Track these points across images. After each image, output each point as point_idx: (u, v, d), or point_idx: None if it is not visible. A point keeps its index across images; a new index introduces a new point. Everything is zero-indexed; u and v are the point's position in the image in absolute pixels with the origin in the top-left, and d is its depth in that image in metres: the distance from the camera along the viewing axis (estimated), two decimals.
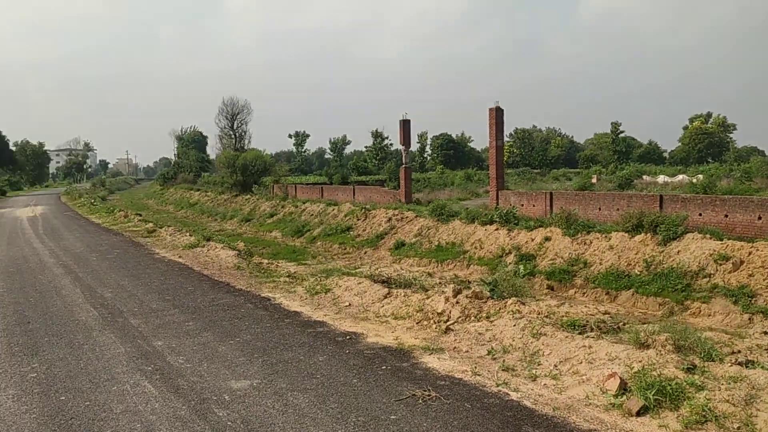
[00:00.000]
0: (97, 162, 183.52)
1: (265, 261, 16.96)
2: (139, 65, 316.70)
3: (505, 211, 19.17)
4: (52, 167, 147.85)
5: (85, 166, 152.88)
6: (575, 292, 14.28)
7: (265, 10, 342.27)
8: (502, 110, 25.88)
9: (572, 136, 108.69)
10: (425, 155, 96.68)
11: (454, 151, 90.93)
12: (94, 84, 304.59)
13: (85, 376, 7.10)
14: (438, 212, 21.59)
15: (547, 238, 16.56)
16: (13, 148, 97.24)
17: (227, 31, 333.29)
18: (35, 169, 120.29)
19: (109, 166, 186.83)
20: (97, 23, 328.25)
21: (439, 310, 9.13)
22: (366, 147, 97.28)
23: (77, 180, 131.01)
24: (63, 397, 6.42)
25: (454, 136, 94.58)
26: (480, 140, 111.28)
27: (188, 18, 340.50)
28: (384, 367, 7.19)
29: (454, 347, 7.98)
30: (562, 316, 8.85)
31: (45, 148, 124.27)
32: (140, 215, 33.65)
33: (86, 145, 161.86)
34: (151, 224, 26.81)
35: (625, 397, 5.92)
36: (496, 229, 18.40)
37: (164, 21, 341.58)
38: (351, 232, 24.53)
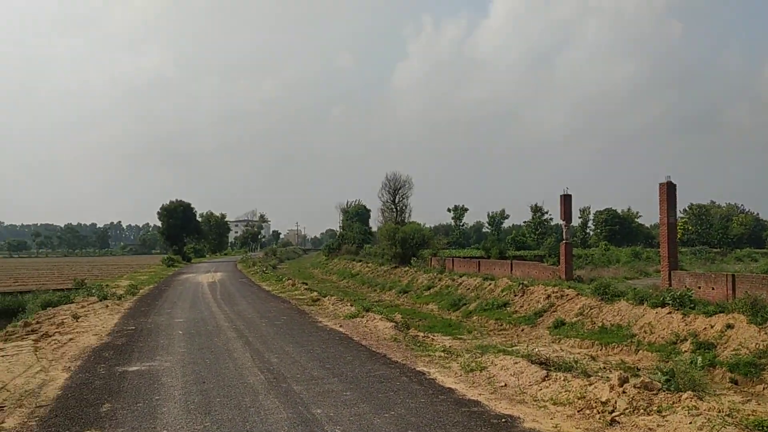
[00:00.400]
0: (271, 232, 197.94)
1: (421, 334, 17.06)
2: (311, 143, 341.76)
3: (678, 294, 17.75)
4: (231, 236, 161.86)
5: (259, 236, 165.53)
6: (764, 388, 12.69)
7: (429, 86, 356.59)
8: (674, 185, 24.36)
9: (758, 213, 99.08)
10: (588, 231, 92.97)
11: (619, 227, 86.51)
12: (272, 161, 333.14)
13: None
14: (602, 291, 20.52)
15: (729, 326, 15.02)
16: (199, 219, 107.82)
17: (392, 107, 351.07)
18: (217, 238, 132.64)
19: (281, 236, 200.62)
20: (277, 106, 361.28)
21: (603, 399, 8.57)
22: (524, 221, 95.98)
23: (252, 249, 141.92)
24: None
25: (619, 211, 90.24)
26: (648, 216, 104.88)
27: (358, 99, 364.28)
28: None
29: None
30: (748, 415, 7.91)
31: (226, 219, 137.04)
32: (306, 284, 35.54)
33: (261, 216, 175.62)
34: (315, 293, 28.19)
35: None
36: (669, 313, 17.05)
37: (335, 103, 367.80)
38: (508, 308, 24.01)
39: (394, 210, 77.14)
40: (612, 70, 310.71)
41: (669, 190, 24.34)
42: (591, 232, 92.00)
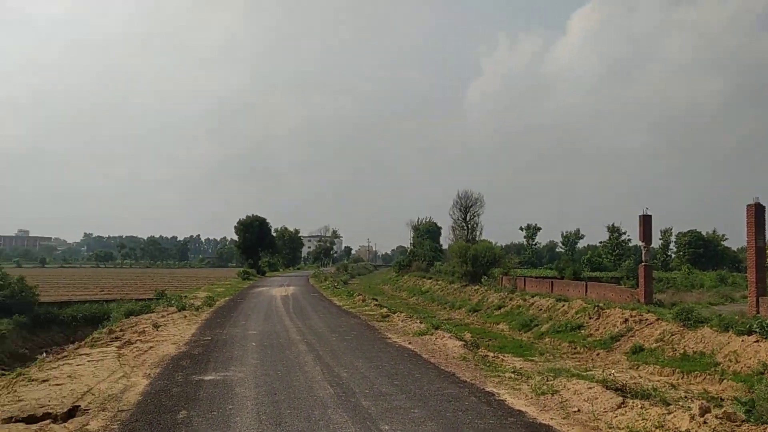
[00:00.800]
0: (342, 248, 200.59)
1: (491, 354, 16.80)
2: (383, 159, 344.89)
3: (767, 321, 16.76)
4: (304, 251, 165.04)
5: (331, 252, 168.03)
6: None
7: (503, 103, 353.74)
8: (763, 207, 23.15)
9: None
10: (669, 253, 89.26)
11: (704, 250, 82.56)
12: (345, 177, 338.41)
13: None
14: (684, 316, 19.62)
15: None
16: (274, 234, 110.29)
17: (465, 124, 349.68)
18: (290, 253, 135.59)
19: (352, 252, 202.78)
20: (350, 122, 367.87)
21: (683, 429, 8.17)
22: (601, 242, 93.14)
23: (324, 264, 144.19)
24: None
25: (704, 233, 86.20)
26: (736, 239, 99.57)
27: (430, 115, 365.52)
28: None
29: None
30: None
31: (299, 234, 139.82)
32: (376, 300, 35.71)
33: (334, 232, 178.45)
34: (385, 309, 28.28)
35: None
36: (757, 341, 16.11)
37: (407, 119, 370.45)
38: (582, 331, 23.32)
39: (465, 228, 76.72)
40: (695, 85, 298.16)
41: (757, 212, 23.16)
42: (673, 255, 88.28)
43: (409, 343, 17.94)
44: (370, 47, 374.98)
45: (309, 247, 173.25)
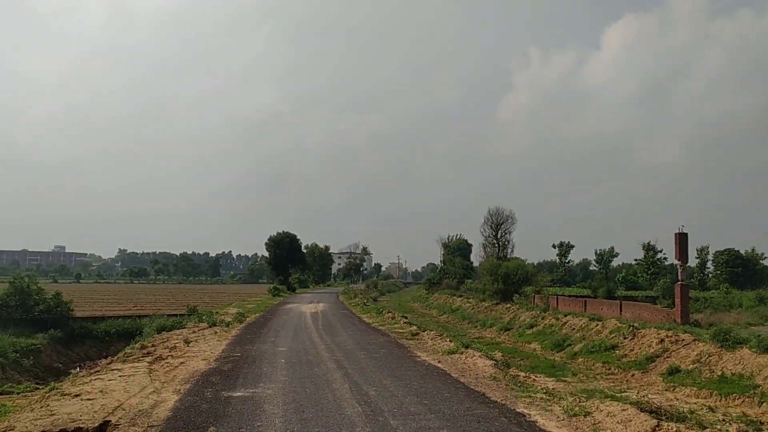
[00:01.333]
0: (372, 265, 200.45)
1: (522, 374, 16.53)
2: (414, 176, 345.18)
3: None
4: (334, 268, 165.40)
5: (361, 269, 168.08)
6: None
7: (535, 119, 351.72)
8: None
9: None
10: (706, 272, 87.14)
11: (742, 269, 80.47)
12: (375, 194, 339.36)
13: None
14: (722, 337, 19.09)
15: None
16: (304, 250, 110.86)
17: (496, 140, 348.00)
18: (320, 269, 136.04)
19: (382, 269, 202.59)
20: (378, 138, 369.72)
21: None
22: (636, 260, 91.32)
23: (354, 281, 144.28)
24: None
25: (742, 252, 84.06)
26: None
27: (461, 132, 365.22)
28: None
29: None
30: None
31: (330, 250, 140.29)
32: (406, 317, 35.53)
33: (364, 249, 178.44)
34: (414, 327, 28.11)
35: None
36: None
37: (439, 137, 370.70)
38: (616, 351, 22.84)
39: (497, 245, 76.09)
40: (733, 101, 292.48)
41: None
42: (710, 274, 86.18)
43: (439, 361, 17.77)
44: (401, 63, 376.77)
45: (339, 264, 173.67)
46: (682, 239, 28.58)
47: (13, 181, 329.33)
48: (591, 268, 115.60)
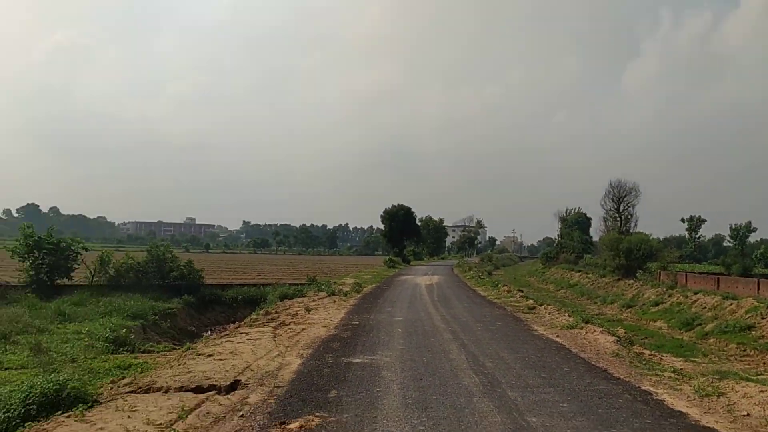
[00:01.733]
0: (487, 238, 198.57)
1: (647, 352, 15.81)
2: (532, 148, 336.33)
3: None
4: (448, 241, 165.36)
5: (475, 242, 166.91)
6: None
7: (665, 86, 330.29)
8: None
9: None
10: None
11: None
12: (491, 167, 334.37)
13: None
14: None
15: None
16: (419, 223, 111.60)
17: (620, 109, 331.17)
18: (434, 242, 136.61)
19: (497, 242, 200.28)
20: (501, 111, 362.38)
21: None
22: None
23: (468, 254, 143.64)
24: None
25: None
26: None
27: (582, 101, 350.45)
28: None
29: None
30: None
31: (444, 223, 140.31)
32: (522, 291, 34.95)
33: (478, 222, 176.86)
34: (531, 301, 27.59)
35: None
36: None
37: (557, 107, 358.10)
38: (753, 332, 21.27)
39: (618, 219, 72.76)
40: None
41: None
42: None
43: (557, 336, 17.35)
44: (520, 32, 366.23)
45: (453, 237, 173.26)
46: None
47: (151, 156, 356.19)
48: (725, 244, 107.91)
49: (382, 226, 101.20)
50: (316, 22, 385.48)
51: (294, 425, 7.96)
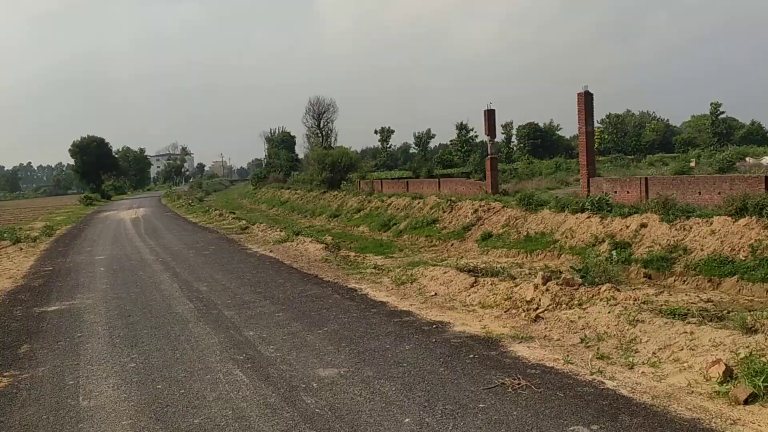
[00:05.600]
0: (194, 165, 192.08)
1: (353, 254, 17.14)
2: (233, 69, 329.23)
3: (597, 199, 18.41)
4: (153, 171, 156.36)
5: (183, 170, 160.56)
6: (675, 280, 13.50)
7: (356, 2, 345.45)
8: (591, 95, 24.89)
9: (668, 120, 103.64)
10: (511, 145, 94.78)
11: (541, 140, 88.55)
12: (192, 91, 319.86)
13: (180, 365, 7.37)
14: (526, 202, 21.02)
15: (643, 225, 15.75)
16: (116, 155, 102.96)
17: (317, 26, 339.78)
18: (137, 174, 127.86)
19: (206, 168, 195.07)
20: (197, 31, 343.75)
21: (528, 298, 8.86)
22: (450, 140, 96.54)
23: (176, 183, 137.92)
24: (159, 386, 6.68)
25: (541, 124, 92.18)
26: (569, 128, 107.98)
27: (278, 20, 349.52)
28: (471, 356, 7.03)
29: (545, 335, 7.70)
30: (661, 305, 8.37)
31: (145, 153, 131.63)
32: (234, 214, 34.89)
33: (183, 149, 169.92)
34: (244, 222, 27.72)
35: (730, 384, 5.49)
36: (588, 217, 17.70)
37: (258, 24, 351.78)
38: (437, 225, 24.35)
39: (320, 135, 76.08)
40: None
41: (587, 100, 24.88)
42: (515, 147, 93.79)
43: (270, 251, 17.80)
44: None
45: (158, 167, 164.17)
46: (490, 115, 30.40)
47: None
48: (411, 151, 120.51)
49: (73, 162, 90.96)
50: None
51: None
